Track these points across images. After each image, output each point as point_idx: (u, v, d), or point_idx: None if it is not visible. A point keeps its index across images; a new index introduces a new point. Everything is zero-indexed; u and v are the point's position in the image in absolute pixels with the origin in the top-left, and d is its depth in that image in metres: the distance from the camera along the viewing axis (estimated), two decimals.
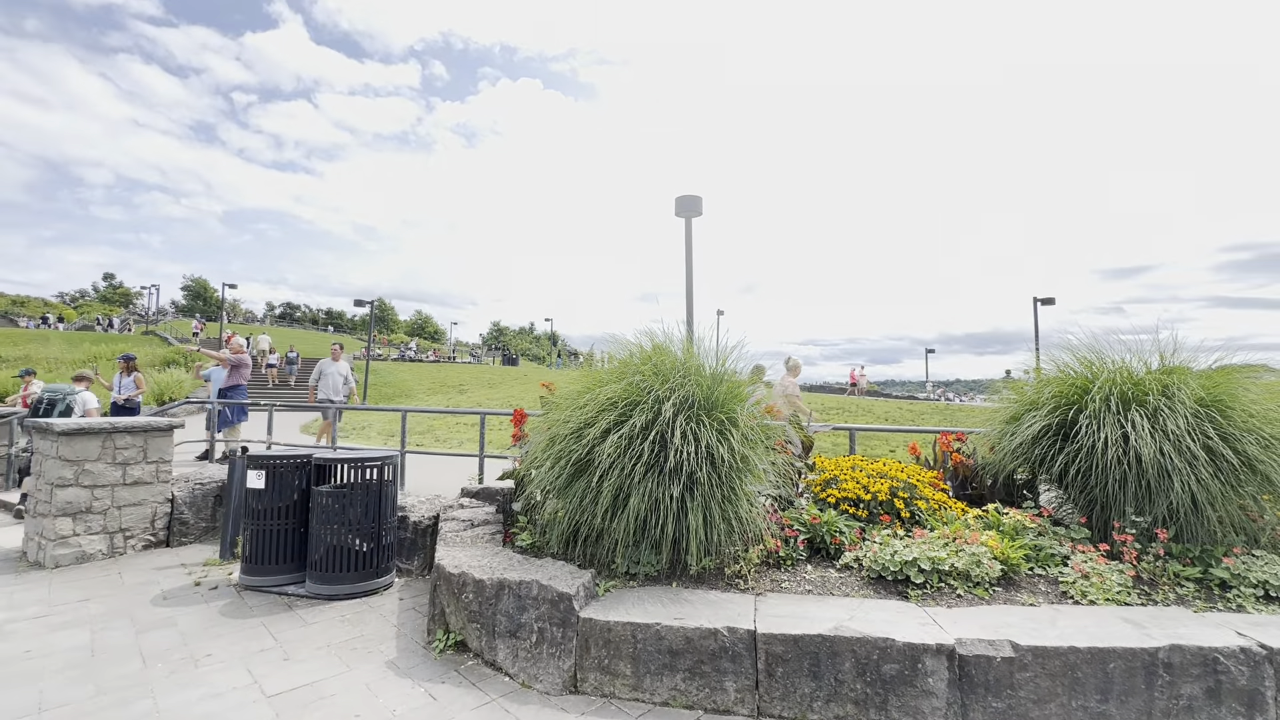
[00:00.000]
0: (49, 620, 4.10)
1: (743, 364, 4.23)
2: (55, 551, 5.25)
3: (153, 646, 3.69)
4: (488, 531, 4.39)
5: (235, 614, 4.21)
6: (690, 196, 10.05)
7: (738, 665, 2.95)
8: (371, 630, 3.96)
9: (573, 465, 3.72)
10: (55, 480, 5.34)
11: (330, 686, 3.23)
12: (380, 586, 4.63)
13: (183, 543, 5.98)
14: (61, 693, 3.15)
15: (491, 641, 3.43)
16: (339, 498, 4.52)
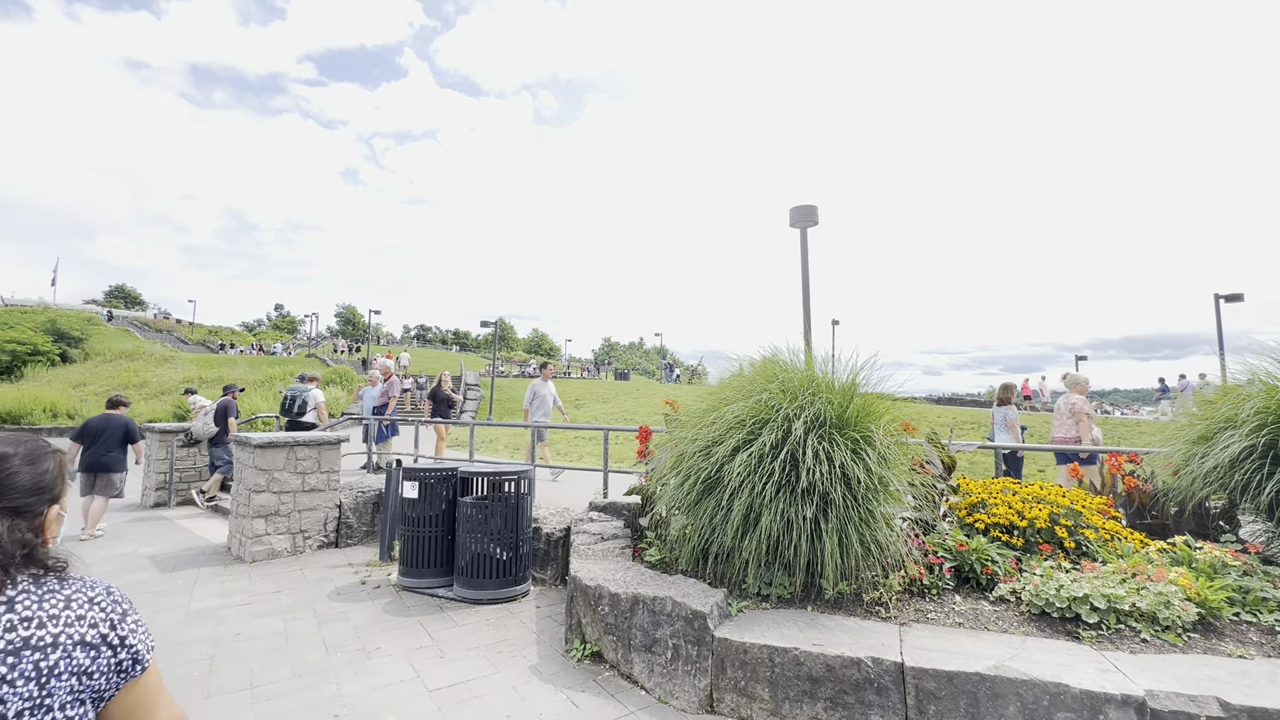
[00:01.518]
0: (251, 608, 4.78)
1: (875, 378, 4.06)
2: (252, 548, 6.11)
3: (332, 637, 4.18)
4: (617, 546, 4.52)
5: (396, 612, 4.66)
6: (805, 206, 9.83)
7: (884, 699, 2.81)
8: (513, 635, 4.21)
9: (701, 483, 3.75)
10: (252, 486, 6.23)
11: (482, 686, 3.48)
12: (519, 593, 4.92)
13: (348, 544, 6.71)
14: (267, 673, 3.65)
15: (627, 654, 3.52)
16: (481, 508, 4.88)
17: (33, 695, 0.93)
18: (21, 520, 1.05)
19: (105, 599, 1.08)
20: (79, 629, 1.01)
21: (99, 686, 1.02)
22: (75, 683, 0.98)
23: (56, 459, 1.16)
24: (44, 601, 1.00)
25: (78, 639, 1.00)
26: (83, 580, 1.09)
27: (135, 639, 1.08)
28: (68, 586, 1.05)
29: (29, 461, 1.10)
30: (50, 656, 0.96)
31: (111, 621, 1.06)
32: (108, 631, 1.04)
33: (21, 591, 1.00)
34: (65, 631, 0.99)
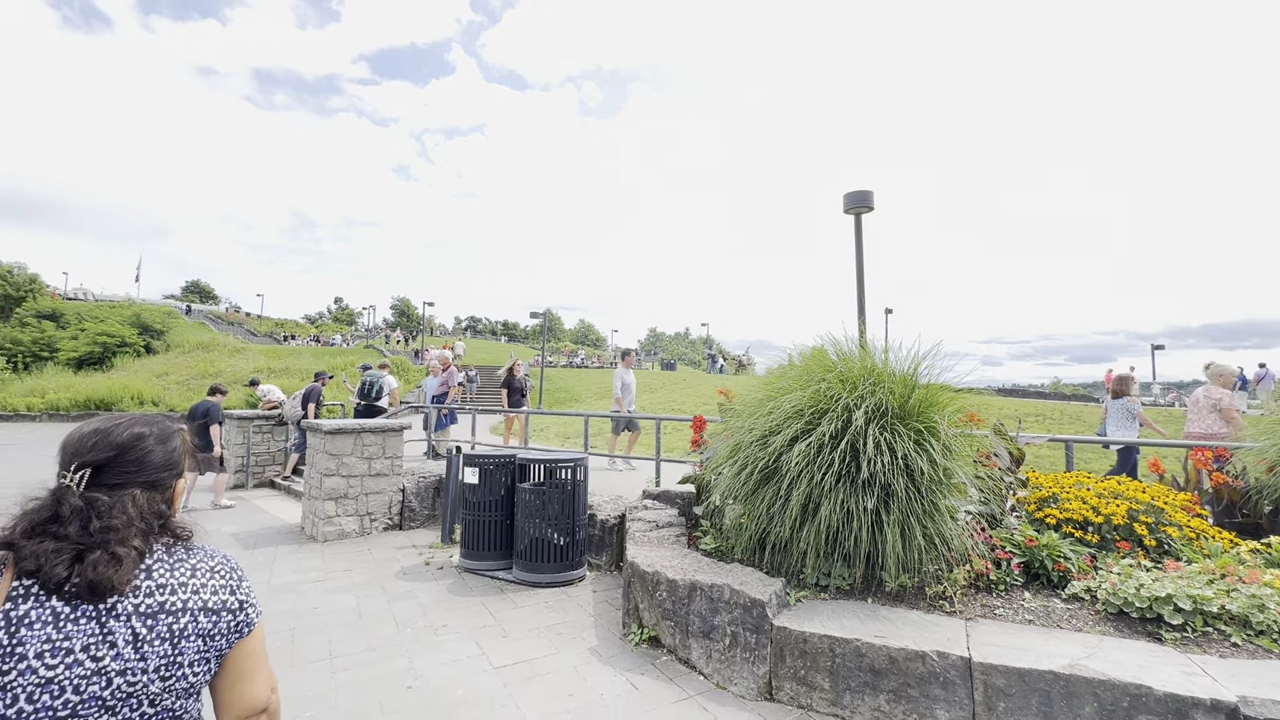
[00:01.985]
0: (326, 584, 5.06)
1: (938, 368, 3.95)
2: (324, 528, 6.46)
3: (401, 613, 4.39)
4: (672, 533, 4.57)
5: (459, 592, 4.85)
6: (860, 191, 9.54)
7: (950, 694, 2.76)
8: (572, 618, 4.33)
9: (758, 473, 3.74)
10: (323, 470, 6.57)
11: (544, 665, 3.59)
12: (575, 578, 5.03)
13: (411, 526, 7.01)
14: (344, 645, 3.88)
15: (685, 640, 3.57)
16: (539, 494, 5.01)
17: (167, 654, 1.02)
18: (156, 493, 1.14)
19: (224, 567, 1.17)
20: (203, 595, 1.10)
21: (220, 647, 1.11)
22: (200, 644, 1.07)
23: (181, 437, 1.25)
24: (175, 569, 1.09)
25: (202, 605, 1.09)
26: (203, 549, 1.18)
27: (248, 604, 1.17)
28: (193, 555, 1.14)
29: (161, 440, 1.18)
30: (180, 620, 1.05)
31: (230, 588, 1.14)
32: (227, 597, 1.13)
33: (157, 560, 1.09)
34: (193, 598, 1.08)
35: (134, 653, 1.00)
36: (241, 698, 1.14)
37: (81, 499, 1.04)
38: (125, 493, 1.08)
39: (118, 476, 1.09)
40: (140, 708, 1.01)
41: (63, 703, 0.94)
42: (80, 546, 0.99)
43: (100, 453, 1.09)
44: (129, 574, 1.01)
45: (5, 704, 0.91)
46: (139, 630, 1.01)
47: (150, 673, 1.01)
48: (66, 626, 0.96)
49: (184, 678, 1.05)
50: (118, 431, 1.13)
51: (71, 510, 1.02)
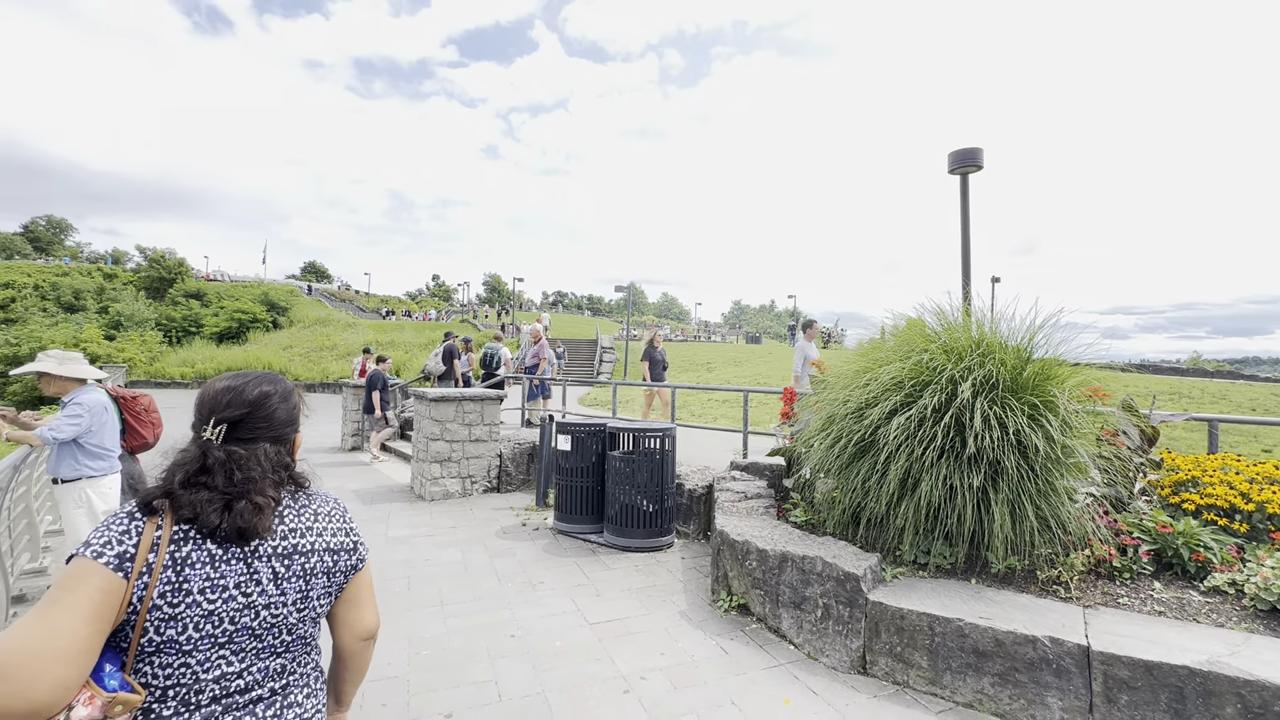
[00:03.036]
0: (435, 539, 5.48)
1: (1057, 339, 3.63)
2: (430, 489, 6.97)
3: (503, 569, 4.69)
4: (761, 505, 4.55)
5: (554, 552, 5.11)
6: (967, 149, 8.80)
7: (1064, 682, 2.61)
8: (661, 582, 4.45)
9: (853, 446, 3.64)
10: (429, 435, 7.06)
11: (636, 625, 3.73)
12: (664, 544, 5.15)
13: (508, 489, 7.41)
14: (452, 594, 4.20)
15: (775, 610, 3.58)
16: (629, 462, 5.14)
17: (301, 589, 1.15)
18: (281, 446, 1.24)
19: (338, 510, 1.29)
20: (325, 538, 1.21)
21: (340, 581, 1.23)
22: (325, 580, 1.20)
23: (298, 394, 1.34)
24: (301, 514, 1.21)
25: (325, 545, 1.21)
26: (321, 495, 1.29)
27: (360, 543, 1.29)
28: (313, 501, 1.25)
29: (283, 398, 1.27)
30: (310, 560, 1.17)
31: (346, 529, 1.26)
32: (344, 539, 1.25)
33: (286, 506, 1.20)
34: (318, 540, 1.20)
35: (275, 588, 1.12)
36: (360, 621, 1.28)
37: (223, 451, 1.14)
38: (257, 446, 1.18)
39: (249, 431, 1.19)
40: (281, 635, 1.14)
41: (221, 631, 1.07)
42: (228, 496, 1.10)
43: (235, 410, 1.19)
44: (269, 521, 1.12)
45: (177, 631, 1.03)
46: (278, 569, 1.13)
47: (289, 605, 1.14)
48: (221, 567, 1.08)
49: (313, 609, 1.18)
50: (248, 390, 1.22)
51: (216, 462, 1.12)
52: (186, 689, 1.06)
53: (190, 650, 1.05)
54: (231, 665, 1.09)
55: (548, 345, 10.70)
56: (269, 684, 1.14)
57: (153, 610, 1.02)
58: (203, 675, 1.07)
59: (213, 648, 1.07)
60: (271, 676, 1.15)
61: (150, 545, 1.04)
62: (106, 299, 40.80)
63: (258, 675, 1.13)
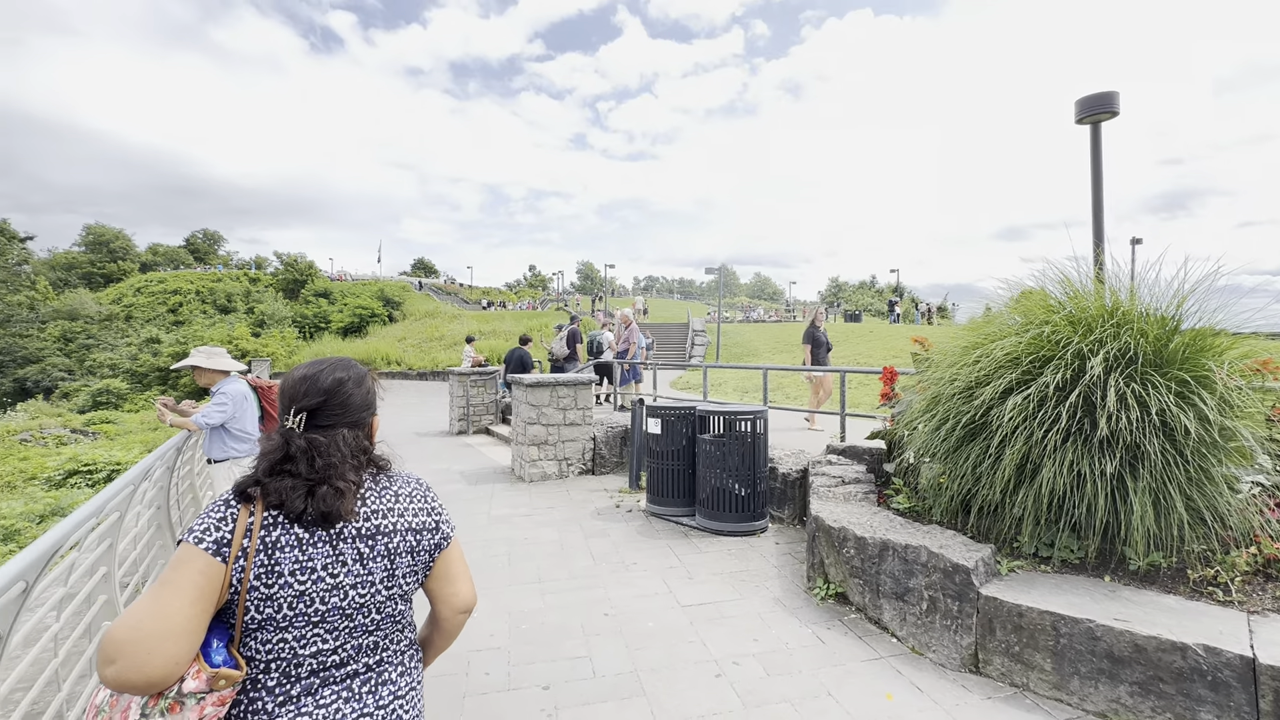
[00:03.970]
0: (533, 519, 5.72)
1: (1211, 307, 3.13)
2: (529, 470, 7.28)
3: (597, 549, 4.81)
4: (860, 490, 4.34)
5: (647, 534, 5.16)
6: (1099, 94, 7.77)
7: (1222, 697, 2.28)
8: (754, 567, 4.37)
9: (962, 428, 3.36)
10: (526, 419, 7.36)
11: (728, 609, 3.69)
12: (757, 529, 5.06)
13: (602, 472, 7.59)
14: (550, 571, 4.37)
15: (875, 600, 3.41)
16: (720, 446, 5.07)
17: (386, 568, 1.19)
18: (359, 431, 1.27)
19: (419, 490, 1.30)
20: (407, 517, 1.24)
21: (425, 560, 1.25)
22: (410, 559, 1.22)
23: (372, 378, 1.36)
24: (382, 495, 1.23)
25: (407, 525, 1.23)
26: (401, 476, 1.31)
27: (443, 521, 1.30)
28: (394, 482, 1.28)
29: (358, 384, 1.29)
30: (393, 540, 1.20)
31: (428, 509, 1.28)
32: (425, 519, 1.26)
33: (367, 488, 1.22)
34: (399, 520, 1.22)
35: (361, 569, 1.16)
36: (455, 595, 1.31)
37: (304, 439, 1.18)
38: (335, 432, 1.21)
39: (327, 418, 1.22)
40: (370, 614, 1.18)
41: (314, 610, 1.12)
42: (311, 482, 1.14)
43: (311, 398, 1.22)
44: (351, 504, 1.16)
45: (274, 610, 1.09)
46: (362, 550, 1.16)
47: (376, 585, 1.18)
48: (308, 550, 1.13)
49: (399, 586, 1.21)
50: (322, 378, 1.25)
51: (298, 450, 1.16)
52: (286, 663, 1.12)
53: (286, 627, 1.12)
54: (326, 642, 1.15)
55: (638, 330, 10.77)
56: (363, 659, 1.19)
57: (250, 591, 1.09)
58: (300, 651, 1.13)
59: (307, 625, 1.13)
60: (365, 653, 1.19)
61: (245, 530, 1.11)
62: (252, 300, 46.01)
63: (351, 651, 1.17)
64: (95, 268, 55.94)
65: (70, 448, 11.82)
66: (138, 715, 1.01)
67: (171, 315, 45.02)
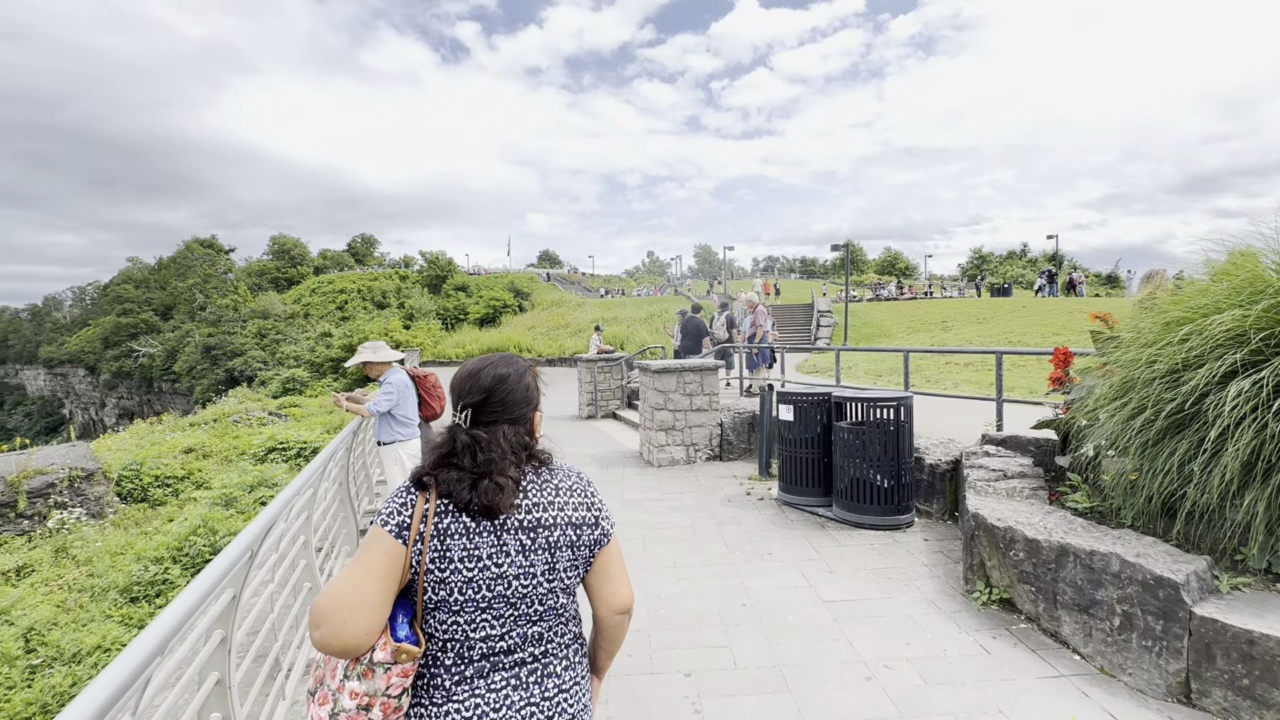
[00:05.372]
0: (664, 504, 5.79)
1: None
2: (657, 455, 7.37)
3: (730, 536, 4.76)
4: (1027, 486, 3.89)
5: (780, 524, 5.02)
6: None
7: None
8: (901, 564, 4.09)
9: (1165, 418, 2.88)
10: (654, 404, 7.45)
11: (875, 608, 3.48)
12: (902, 523, 4.73)
13: (730, 458, 7.51)
14: (684, 557, 4.39)
15: (1051, 610, 3.04)
16: (859, 434, 4.79)
17: (547, 561, 1.20)
18: (520, 426, 1.28)
19: (580, 485, 1.29)
20: (567, 512, 1.24)
21: (585, 555, 1.25)
22: (570, 553, 1.22)
23: (533, 373, 1.38)
24: (543, 489, 1.24)
25: (567, 520, 1.23)
26: (563, 470, 1.31)
27: (602, 517, 1.29)
28: (555, 476, 1.28)
29: (518, 381, 1.31)
30: (554, 534, 1.21)
31: (588, 504, 1.27)
32: (585, 514, 1.26)
33: (529, 482, 1.24)
34: (559, 514, 1.23)
35: (524, 559, 1.18)
36: (613, 594, 1.30)
37: (467, 434, 1.23)
38: (497, 428, 1.25)
39: (489, 415, 1.26)
40: (533, 605, 1.19)
41: (481, 597, 1.16)
42: (474, 475, 1.19)
43: (474, 395, 1.27)
44: (510, 498, 1.18)
45: (447, 593, 1.15)
46: (524, 541, 1.19)
47: (538, 576, 1.19)
48: (475, 538, 1.17)
49: (560, 580, 1.21)
50: (483, 375, 1.28)
51: (462, 445, 1.22)
52: (460, 644, 1.18)
53: (458, 610, 1.17)
54: (494, 629, 1.18)
55: (764, 312, 10.48)
56: (529, 649, 1.22)
57: (428, 573, 1.16)
58: (471, 634, 1.18)
59: (475, 610, 1.17)
60: (531, 642, 1.22)
61: (421, 516, 1.18)
62: (402, 296, 50.98)
63: (517, 639, 1.20)
64: (280, 273, 64.92)
65: (269, 428, 13.88)
66: (341, 675, 1.13)
67: (339, 312, 51.16)
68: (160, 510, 9.43)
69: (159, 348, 52.77)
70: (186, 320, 53.80)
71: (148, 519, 9.01)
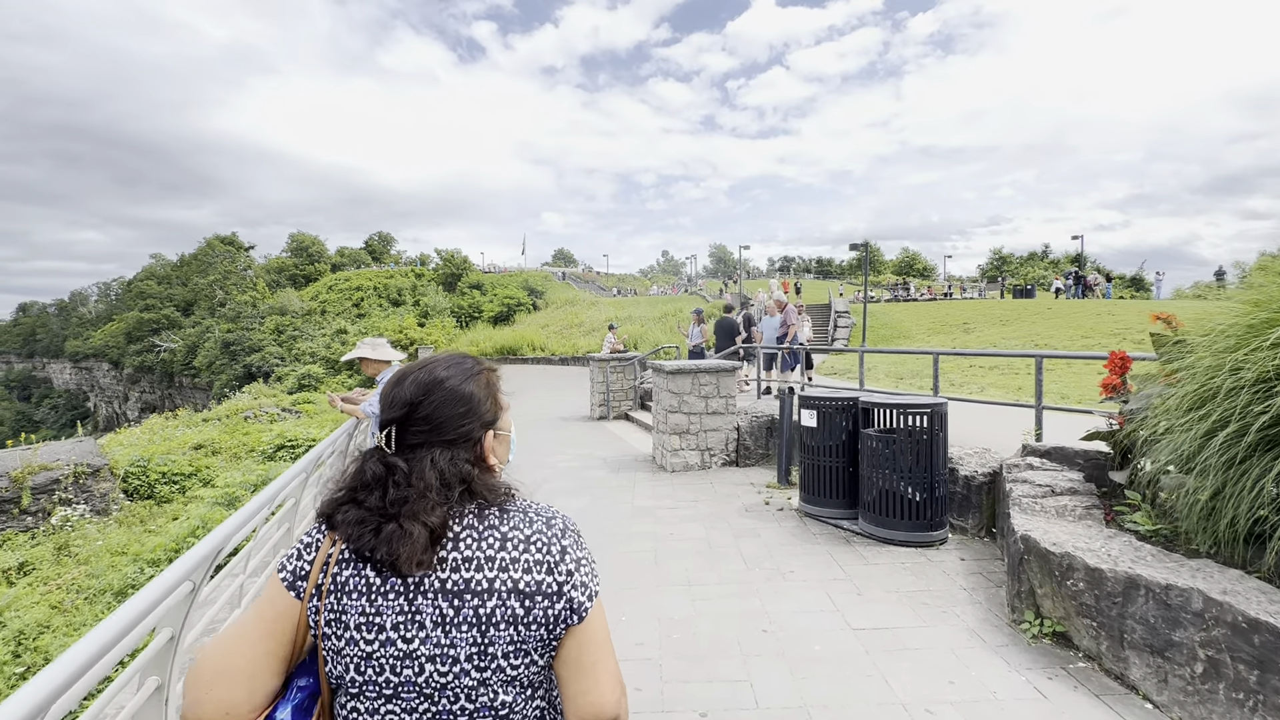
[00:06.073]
0: (678, 512, 5.47)
1: None
2: (671, 460, 7.06)
3: (748, 551, 4.43)
4: (1079, 504, 3.52)
5: (802, 538, 4.69)
6: None
7: None
8: (937, 586, 3.74)
9: (1257, 433, 2.51)
10: (668, 407, 7.14)
11: (911, 638, 3.14)
12: (935, 540, 4.37)
13: (747, 464, 7.17)
14: (698, 574, 4.07)
15: (1117, 650, 2.68)
16: (888, 443, 4.44)
17: (477, 641, 0.87)
18: (459, 451, 0.95)
19: (546, 535, 0.95)
20: (513, 574, 0.90)
21: (540, 636, 0.90)
22: (513, 633, 0.88)
23: (487, 377, 1.04)
24: (483, 540, 0.92)
25: (511, 586, 0.89)
26: (524, 514, 0.97)
27: (571, 584, 0.92)
28: (507, 521, 0.95)
29: (455, 390, 0.98)
30: (487, 604, 0.88)
31: (548, 565, 0.92)
32: (542, 578, 0.91)
33: (466, 528, 0.92)
34: (500, 577, 0.89)
35: (442, 636, 0.87)
36: (583, 695, 0.91)
37: (381, 464, 0.93)
38: (423, 454, 0.93)
39: (415, 435, 0.95)
40: (459, 700, 0.87)
41: (384, 681, 0.86)
42: (381, 517, 0.89)
43: (394, 410, 0.95)
44: (420, 551, 0.86)
45: (343, 670, 0.87)
46: (445, 611, 0.87)
47: (462, 662, 0.86)
48: (377, 600, 0.88)
49: (499, 669, 0.88)
50: (408, 383, 0.97)
51: (373, 477, 0.92)
52: None
53: (357, 695, 0.88)
54: None
55: (794, 310, 10.07)
56: None
57: (324, 639, 0.88)
58: None
59: (379, 699, 0.87)
60: None
61: (323, 563, 0.90)
62: (418, 294, 51.15)
63: None
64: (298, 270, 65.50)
65: (279, 425, 13.82)
66: None
67: (355, 309, 51.44)
68: (166, 508, 9.32)
69: (180, 343, 53.53)
70: (207, 316, 54.51)
71: (153, 516, 8.90)
